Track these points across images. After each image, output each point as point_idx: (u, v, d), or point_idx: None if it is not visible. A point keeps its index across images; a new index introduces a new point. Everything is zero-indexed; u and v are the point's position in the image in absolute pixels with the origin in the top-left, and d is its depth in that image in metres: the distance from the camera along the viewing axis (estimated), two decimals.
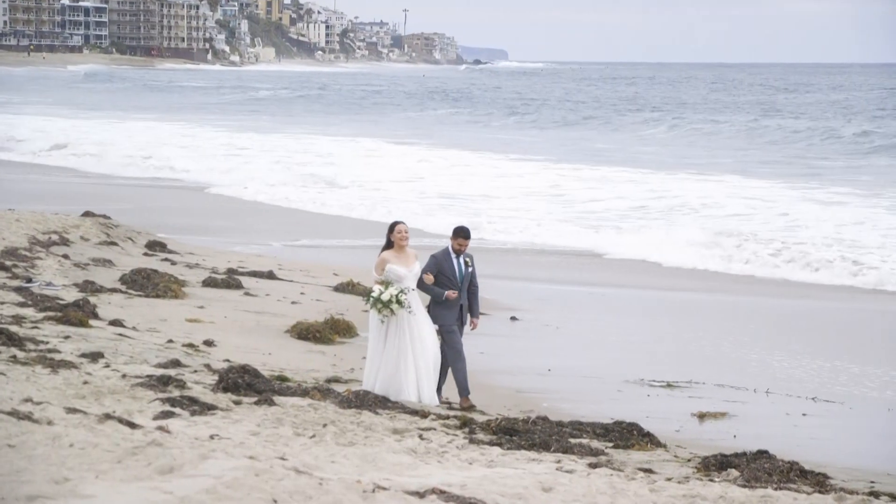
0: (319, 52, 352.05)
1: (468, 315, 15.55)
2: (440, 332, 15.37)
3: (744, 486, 10.85)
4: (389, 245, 15.17)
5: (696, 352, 19.85)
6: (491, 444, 12.31)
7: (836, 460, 13.56)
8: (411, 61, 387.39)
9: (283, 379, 15.12)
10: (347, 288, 23.59)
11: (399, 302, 14.77)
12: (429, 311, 15.34)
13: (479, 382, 16.67)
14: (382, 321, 14.89)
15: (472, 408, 14.84)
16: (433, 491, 9.10)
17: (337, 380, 15.97)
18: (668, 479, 10.98)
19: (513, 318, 22.08)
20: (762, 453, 12.26)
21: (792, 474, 11.74)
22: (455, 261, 15.45)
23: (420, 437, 12.19)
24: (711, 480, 11.22)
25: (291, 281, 24.48)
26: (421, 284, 15.26)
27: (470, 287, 15.54)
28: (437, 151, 65.49)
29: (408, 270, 15.05)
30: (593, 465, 11.44)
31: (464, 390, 15.25)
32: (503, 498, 9.38)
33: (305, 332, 19.09)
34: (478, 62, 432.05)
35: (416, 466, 10.46)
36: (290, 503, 8.20)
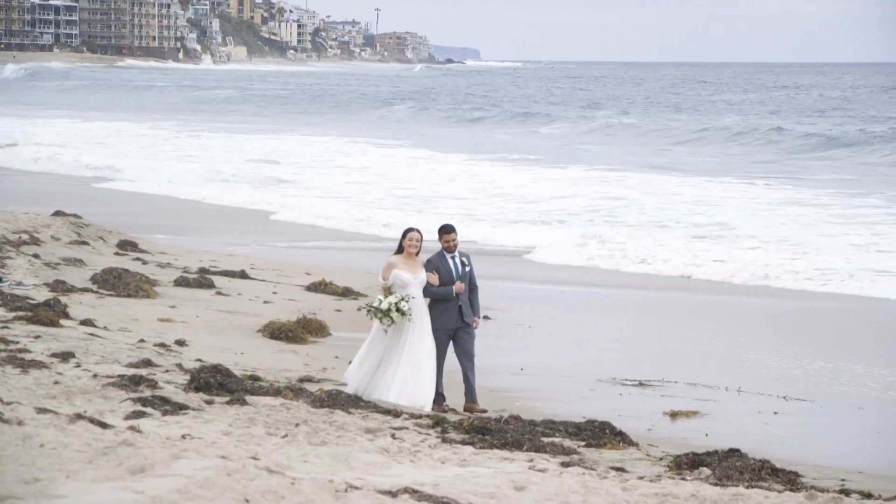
0: (291, 52, 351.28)
1: (471, 314, 15.41)
2: (434, 335, 15.19)
3: (715, 485, 10.88)
4: (400, 251, 15.15)
5: (667, 351, 19.90)
6: (463, 443, 12.31)
7: (807, 458, 13.62)
8: (383, 60, 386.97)
9: (255, 378, 15.07)
10: (320, 287, 23.57)
11: (399, 310, 14.70)
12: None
13: (452, 381, 16.66)
14: (386, 331, 14.87)
15: (444, 412, 14.74)
16: (406, 490, 9.10)
17: (309, 379, 15.95)
18: (640, 478, 11.00)
19: (485, 317, 22.07)
20: (734, 452, 12.29)
21: (763, 472, 11.78)
22: (451, 261, 15.36)
23: (392, 436, 12.18)
24: (683, 479, 11.24)
25: (264, 280, 24.44)
26: (428, 291, 15.16)
27: (470, 287, 15.46)
28: (387, 151, 66.64)
29: (413, 277, 14.99)
30: (566, 464, 11.45)
31: (438, 396, 15.20)
32: (476, 497, 9.38)
33: (278, 332, 19.05)
34: (450, 61, 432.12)
35: (388, 466, 10.45)
36: (262, 503, 8.18)
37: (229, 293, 22.64)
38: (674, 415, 15.66)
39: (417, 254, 15.16)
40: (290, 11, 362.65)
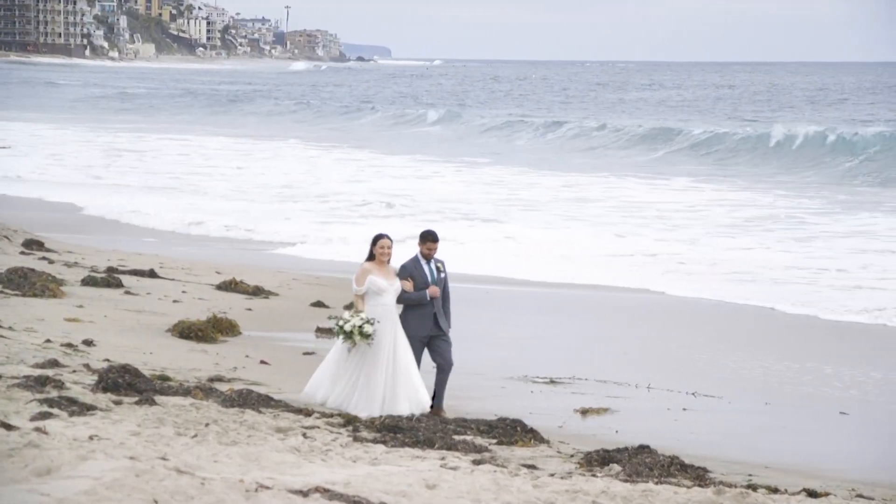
0: (200, 49, 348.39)
1: (444, 322, 14.94)
2: (409, 342, 14.73)
3: (625, 481, 10.95)
4: (371, 258, 14.67)
5: (578, 348, 20.01)
6: (375, 441, 12.29)
7: (716, 454, 13.77)
8: (294, 58, 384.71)
9: (164, 378, 14.94)
10: (230, 286, 23.41)
11: (363, 334, 14.25)
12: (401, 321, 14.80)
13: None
14: (349, 350, 14.40)
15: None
16: (317, 489, 9.06)
17: (220, 379, 15.83)
18: (552, 475, 11.05)
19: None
20: (643, 448, 12.40)
21: (672, 468, 11.89)
22: (426, 267, 14.91)
23: (304, 435, 12.13)
24: (594, 475, 11.31)
25: (173, 279, 24.22)
26: (402, 297, 14.70)
27: (443, 294, 15.01)
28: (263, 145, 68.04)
29: (389, 284, 14.54)
30: (477, 462, 11.47)
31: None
32: (387, 496, 9.36)
33: (187, 331, 18.88)
34: (361, 59, 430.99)
35: (299, 465, 10.40)
36: (171, 503, 8.11)
37: (138, 292, 22.40)
38: (584, 412, 15.75)
39: (388, 261, 14.72)
40: (199, 9, 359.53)
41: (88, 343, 17.21)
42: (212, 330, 19.02)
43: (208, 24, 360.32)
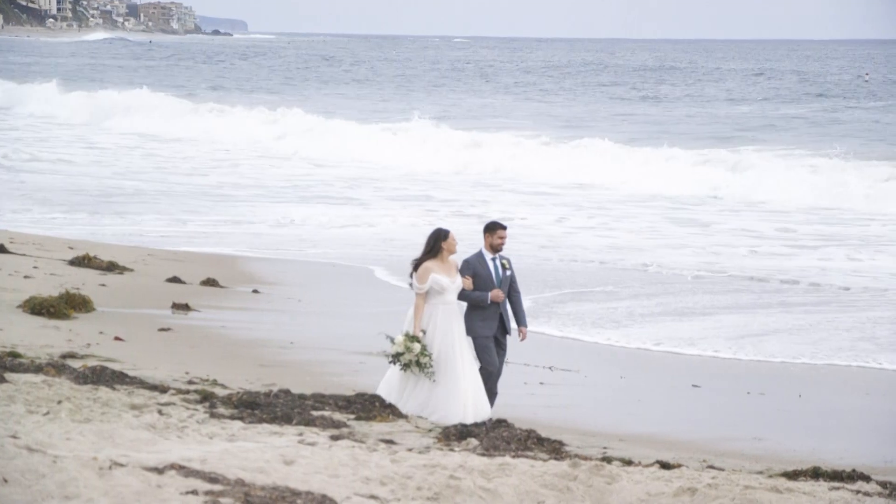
0: (51, 20, 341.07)
1: (510, 324, 14.38)
2: (474, 345, 14.19)
3: (483, 455, 11.02)
4: (433, 254, 13.94)
5: None
6: (232, 418, 12.19)
7: (572, 427, 13.95)
8: (148, 31, 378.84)
9: (15, 355, 14.63)
10: (84, 262, 23.00)
11: (420, 364, 13.70)
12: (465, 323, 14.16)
13: (220, 356, 16.50)
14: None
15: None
16: (172, 467, 8.96)
17: (73, 355, 15.56)
18: (410, 450, 11.08)
19: (255, 291, 21.94)
20: (501, 422, 12.49)
21: (529, 442, 12.00)
22: (491, 263, 14.20)
23: (159, 412, 11.98)
24: (452, 450, 11.37)
25: (24, 255, 23.73)
26: (461, 294, 14.06)
27: (512, 293, 14.37)
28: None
29: (451, 281, 13.89)
30: (335, 438, 11.45)
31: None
32: (244, 472, 9.29)
33: (39, 307, 18.50)
34: (217, 33, 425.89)
35: (155, 442, 10.27)
36: (21, 482, 7.95)
37: None
38: None
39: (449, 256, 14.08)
40: None
41: None
42: (64, 306, 18.66)
43: None
